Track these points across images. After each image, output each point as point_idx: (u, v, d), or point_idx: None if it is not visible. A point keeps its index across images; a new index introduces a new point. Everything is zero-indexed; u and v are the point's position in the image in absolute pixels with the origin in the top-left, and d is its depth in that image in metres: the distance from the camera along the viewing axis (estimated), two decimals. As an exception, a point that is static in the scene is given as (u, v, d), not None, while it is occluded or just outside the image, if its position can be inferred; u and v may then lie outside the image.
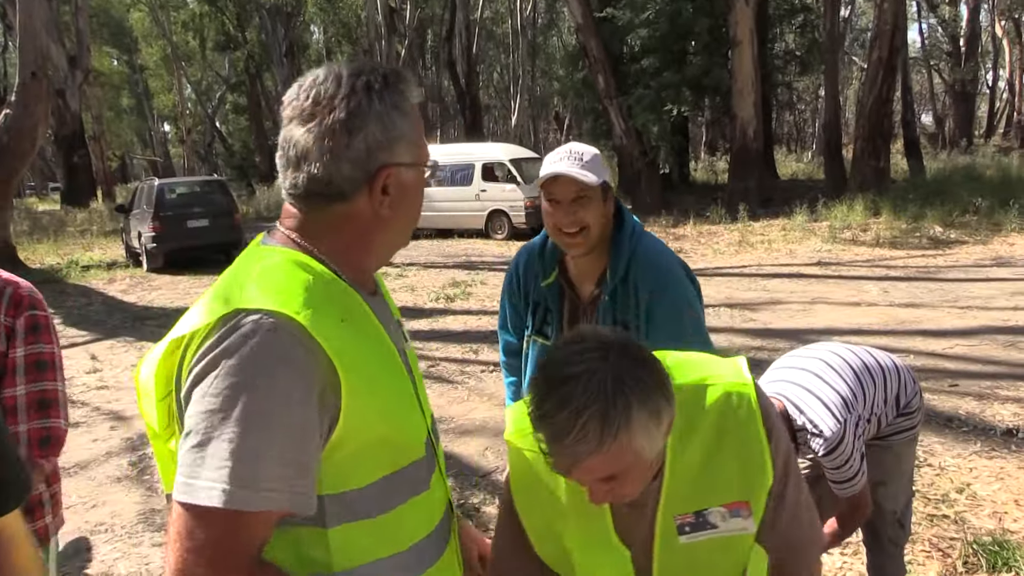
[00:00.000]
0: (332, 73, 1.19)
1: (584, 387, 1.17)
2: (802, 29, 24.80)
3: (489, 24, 48.21)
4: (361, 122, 1.16)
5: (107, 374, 7.69)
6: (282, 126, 1.21)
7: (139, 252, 15.70)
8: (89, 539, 4.20)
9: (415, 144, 1.23)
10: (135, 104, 56.88)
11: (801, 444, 2.47)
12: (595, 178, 2.03)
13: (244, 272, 1.17)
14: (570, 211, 2.05)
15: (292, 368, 1.06)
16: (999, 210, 14.64)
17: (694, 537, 1.43)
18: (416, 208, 1.30)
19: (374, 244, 1.26)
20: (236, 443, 1.03)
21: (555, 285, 2.23)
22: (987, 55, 44.25)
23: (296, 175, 1.18)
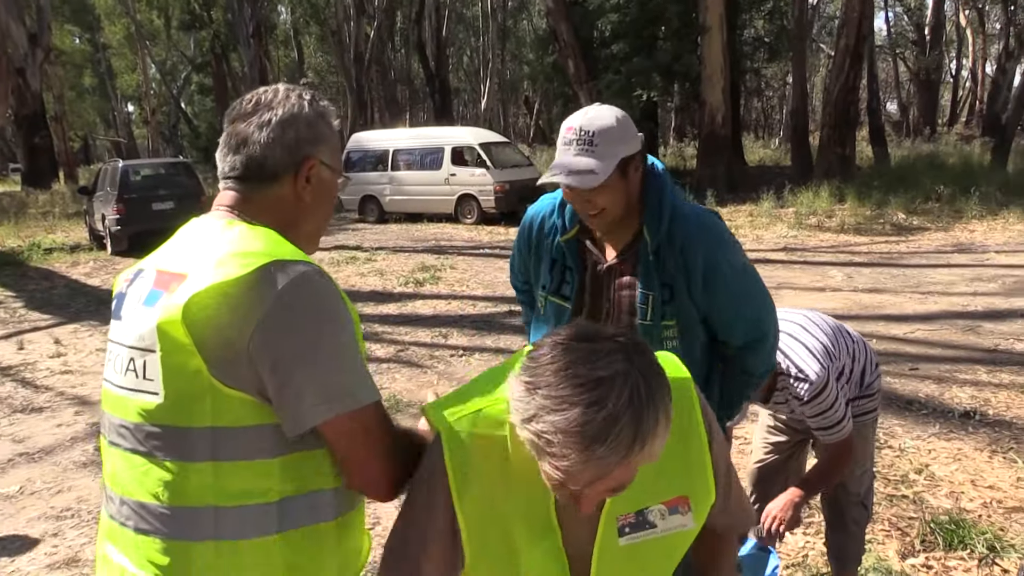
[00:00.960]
0: (272, 89, 1.46)
1: (618, 392, 1.08)
2: (771, 16, 25.00)
3: (459, 7, 47.91)
4: (293, 120, 1.42)
5: (71, 358, 7.59)
6: (224, 129, 1.45)
7: (103, 235, 15.46)
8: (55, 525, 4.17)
9: (335, 153, 1.50)
10: (98, 84, 55.79)
11: (781, 390, 2.54)
12: (604, 166, 1.88)
13: (234, 234, 1.34)
14: (583, 197, 1.95)
15: (341, 300, 1.33)
16: (960, 197, 14.92)
17: (634, 538, 1.38)
18: (329, 206, 1.53)
19: (300, 230, 1.46)
20: (351, 354, 1.31)
21: (574, 242, 2.10)
22: (951, 44, 44.91)
23: (235, 158, 1.42)
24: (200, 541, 1.27)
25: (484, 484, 1.29)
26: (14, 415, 5.97)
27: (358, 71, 32.59)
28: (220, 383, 1.24)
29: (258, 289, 1.24)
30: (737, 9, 22.53)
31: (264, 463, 1.28)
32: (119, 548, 1.35)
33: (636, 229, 2.03)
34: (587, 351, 1.12)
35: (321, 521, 1.35)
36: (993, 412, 5.03)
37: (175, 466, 1.28)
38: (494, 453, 1.29)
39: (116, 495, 1.36)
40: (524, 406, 1.12)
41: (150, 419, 1.29)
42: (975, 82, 43.29)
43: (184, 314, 1.24)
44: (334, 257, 13.45)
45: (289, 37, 49.27)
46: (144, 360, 1.29)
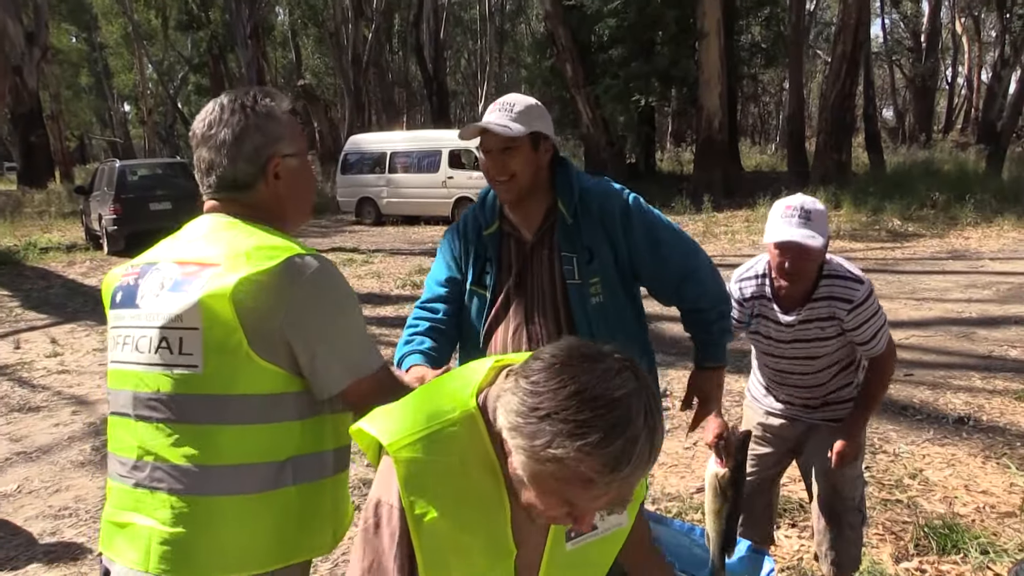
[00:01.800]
0: (216, 104, 1.62)
1: (636, 411, 1.08)
2: (768, 22, 25.06)
3: (457, 10, 47.98)
4: (244, 133, 1.58)
5: (68, 358, 7.59)
6: (193, 151, 1.64)
7: (99, 235, 15.45)
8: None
9: (291, 139, 1.64)
10: (94, 83, 55.73)
11: (823, 299, 2.61)
12: (521, 128, 2.12)
13: (246, 231, 1.55)
14: (499, 160, 2.16)
15: (348, 284, 1.58)
16: (955, 204, 14.98)
17: (578, 542, 1.40)
18: (307, 185, 1.72)
19: (288, 215, 1.68)
20: (359, 330, 1.59)
21: (496, 235, 2.29)
22: (947, 51, 45.08)
23: (209, 179, 1.62)
24: (231, 495, 1.46)
25: (441, 512, 1.23)
26: (11, 414, 5.97)
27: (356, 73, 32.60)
28: (257, 356, 1.45)
29: (287, 277, 1.45)
30: (735, 15, 22.61)
31: (288, 425, 1.50)
32: (145, 513, 1.49)
33: (548, 205, 2.25)
34: (599, 372, 1.09)
35: (325, 477, 1.58)
36: (987, 418, 5.07)
37: (210, 429, 1.46)
38: (449, 478, 1.25)
39: (144, 462, 1.50)
40: (534, 432, 1.08)
41: (187, 389, 1.46)
42: (971, 89, 43.47)
43: (232, 294, 1.43)
44: (331, 259, 13.43)
45: (287, 38, 49.24)
46: (180, 337, 1.46)
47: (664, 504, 4.03)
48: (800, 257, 2.55)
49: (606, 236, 2.20)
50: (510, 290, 2.26)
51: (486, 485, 1.25)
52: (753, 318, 2.82)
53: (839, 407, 2.83)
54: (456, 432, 1.26)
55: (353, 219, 19.87)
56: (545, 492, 1.13)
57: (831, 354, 2.74)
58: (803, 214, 2.59)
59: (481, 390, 1.31)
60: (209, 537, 1.45)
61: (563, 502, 1.13)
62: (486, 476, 1.26)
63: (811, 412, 2.87)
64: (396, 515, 1.25)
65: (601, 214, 2.21)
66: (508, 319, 2.26)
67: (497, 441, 1.23)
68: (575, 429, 1.05)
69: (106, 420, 4.51)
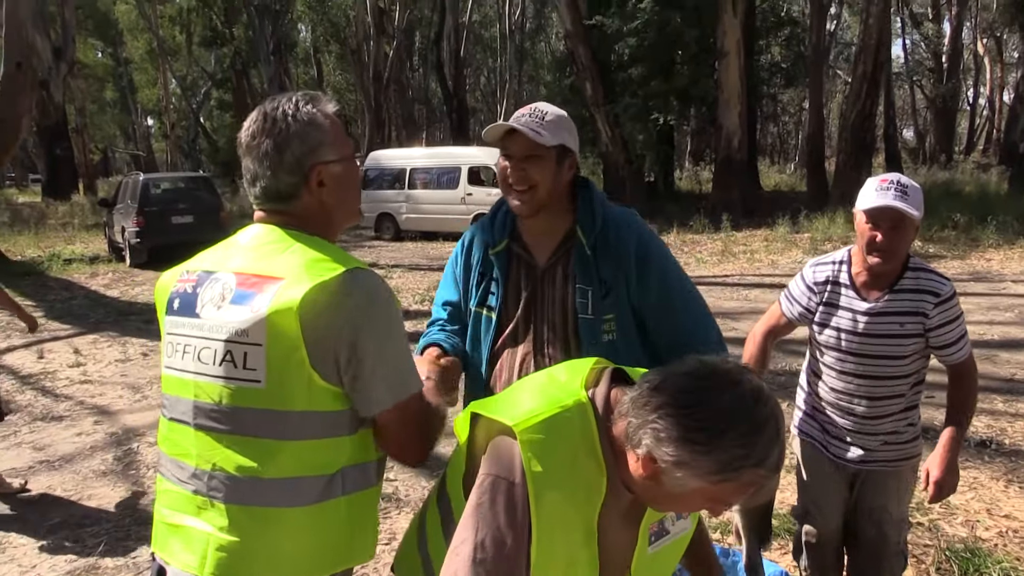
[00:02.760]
0: (259, 112, 1.60)
1: (779, 414, 1.23)
2: (788, 42, 25.08)
3: (478, 28, 48.32)
4: (285, 143, 1.56)
5: (91, 368, 7.67)
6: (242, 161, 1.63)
7: (122, 247, 15.61)
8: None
9: (334, 145, 1.61)
10: (119, 97, 56.46)
11: (911, 291, 2.47)
12: (549, 137, 2.01)
13: (300, 245, 1.54)
14: (519, 167, 2.04)
15: (396, 300, 1.55)
16: (977, 226, 14.86)
17: (657, 546, 1.47)
18: (353, 190, 1.69)
19: (336, 222, 1.67)
20: (406, 350, 1.57)
21: (504, 254, 2.16)
22: (969, 72, 44.89)
23: (255, 190, 1.61)
24: (288, 508, 1.48)
25: (558, 487, 1.32)
26: (35, 423, 6.04)
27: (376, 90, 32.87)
28: (317, 374, 1.46)
29: (348, 292, 1.46)
30: (754, 35, 22.65)
31: (339, 440, 1.52)
32: (203, 518, 1.52)
33: (567, 230, 2.11)
34: (751, 388, 1.22)
35: (370, 486, 1.60)
36: (1009, 442, 5.02)
37: (269, 444, 1.48)
38: (564, 459, 1.33)
39: (203, 471, 1.52)
40: (709, 463, 1.19)
41: (249, 403, 1.48)
42: (992, 111, 43.23)
43: (299, 309, 1.43)
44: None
45: (309, 55, 49.73)
46: (245, 352, 1.47)
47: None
48: (895, 228, 2.38)
49: (622, 272, 2.07)
50: (519, 316, 2.13)
51: (590, 470, 1.35)
52: (821, 306, 2.61)
53: (898, 448, 2.63)
54: (571, 418, 1.36)
55: (372, 234, 19.98)
56: (704, 499, 1.26)
57: (905, 362, 2.51)
58: (899, 187, 2.39)
59: (587, 385, 1.43)
60: (264, 546, 1.49)
61: (716, 503, 1.27)
62: (591, 463, 1.35)
63: (868, 454, 2.64)
64: (518, 491, 1.31)
65: (617, 247, 2.07)
66: (517, 347, 2.14)
67: (604, 435, 1.36)
68: (754, 452, 1.18)
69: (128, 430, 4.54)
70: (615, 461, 1.35)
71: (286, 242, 1.56)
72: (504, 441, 1.35)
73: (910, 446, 2.65)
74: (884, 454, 2.64)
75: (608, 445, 1.35)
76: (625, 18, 20.22)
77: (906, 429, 2.63)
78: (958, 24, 37.00)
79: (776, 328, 2.79)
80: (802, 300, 2.66)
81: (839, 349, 2.58)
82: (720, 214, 17.60)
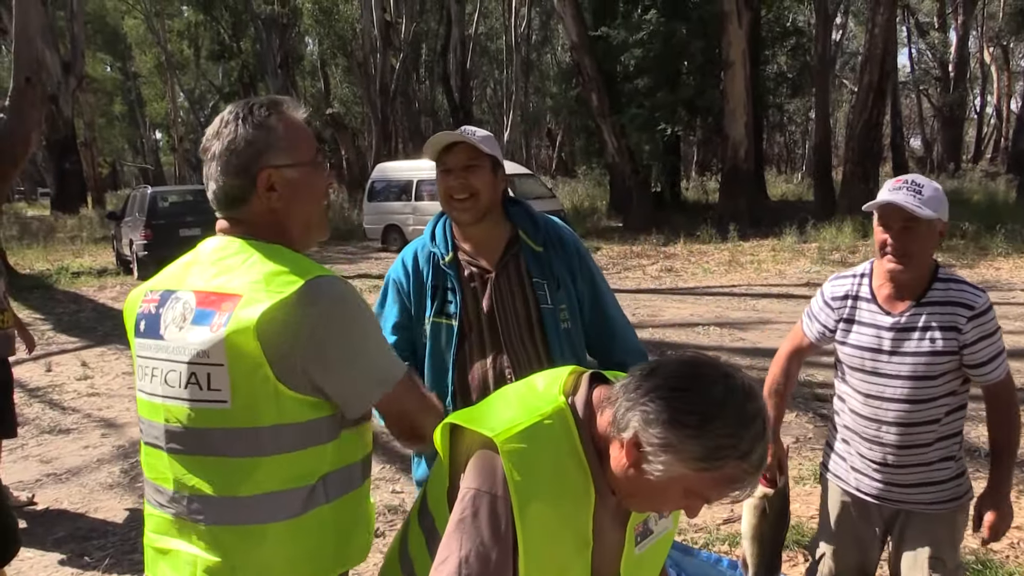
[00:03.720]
0: (219, 117, 1.59)
1: (765, 413, 1.25)
2: (794, 52, 25.13)
3: (484, 40, 48.47)
4: (231, 147, 1.53)
5: (98, 381, 7.68)
6: None
7: (130, 260, 15.68)
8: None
9: (289, 149, 1.57)
10: (127, 111, 56.82)
11: (942, 305, 2.26)
12: (485, 148, 2.20)
13: (258, 256, 1.51)
14: (460, 177, 2.21)
15: (363, 299, 1.54)
16: (985, 234, 14.81)
17: (643, 547, 1.47)
18: (312, 199, 1.63)
19: (294, 231, 1.61)
20: (380, 344, 1.56)
21: (454, 263, 2.30)
22: (975, 81, 44.80)
23: (211, 195, 1.59)
24: (271, 523, 1.47)
25: (543, 499, 1.30)
26: (42, 436, 6.04)
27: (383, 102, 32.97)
28: (285, 387, 1.43)
29: (306, 306, 1.43)
30: (760, 45, 22.68)
31: (319, 448, 1.50)
32: (188, 541, 1.52)
33: (509, 236, 2.32)
34: (743, 384, 1.24)
35: (355, 488, 1.59)
36: (1021, 451, 4.96)
37: (242, 462, 1.46)
38: (547, 468, 1.32)
39: (183, 494, 1.51)
40: (693, 449, 1.20)
41: (217, 424, 1.46)
42: (1000, 119, 43.15)
43: (257, 328, 1.40)
44: (358, 286, 13.53)
45: (316, 68, 49.93)
46: (208, 372, 1.45)
47: (690, 535, 3.98)
48: (907, 229, 2.21)
49: (567, 267, 2.31)
50: (482, 318, 2.28)
51: (576, 477, 1.33)
52: (841, 323, 2.42)
53: (938, 489, 2.34)
54: (552, 426, 1.34)
55: (379, 246, 20.00)
56: (685, 491, 1.26)
57: (938, 383, 2.28)
58: (913, 186, 2.24)
59: (565, 391, 1.42)
60: (251, 563, 1.48)
61: (694, 497, 1.27)
62: (576, 469, 1.34)
63: (904, 492, 2.37)
64: (501, 504, 1.28)
65: (561, 246, 2.33)
66: (484, 346, 2.28)
67: (587, 439, 1.35)
68: (740, 444, 1.20)
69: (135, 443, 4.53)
70: (599, 463, 1.35)
71: (244, 254, 1.53)
72: (485, 454, 1.33)
73: (954, 484, 2.36)
74: (925, 495, 2.35)
75: (591, 448, 1.35)
76: (630, 29, 20.28)
77: (946, 465, 2.35)
78: (964, 33, 36.95)
79: (800, 348, 2.60)
80: (820, 317, 2.48)
81: (862, 370, 2.36)
82: (727, 224, 17.58)
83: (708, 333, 8.75)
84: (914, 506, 2.37)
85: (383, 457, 5.23)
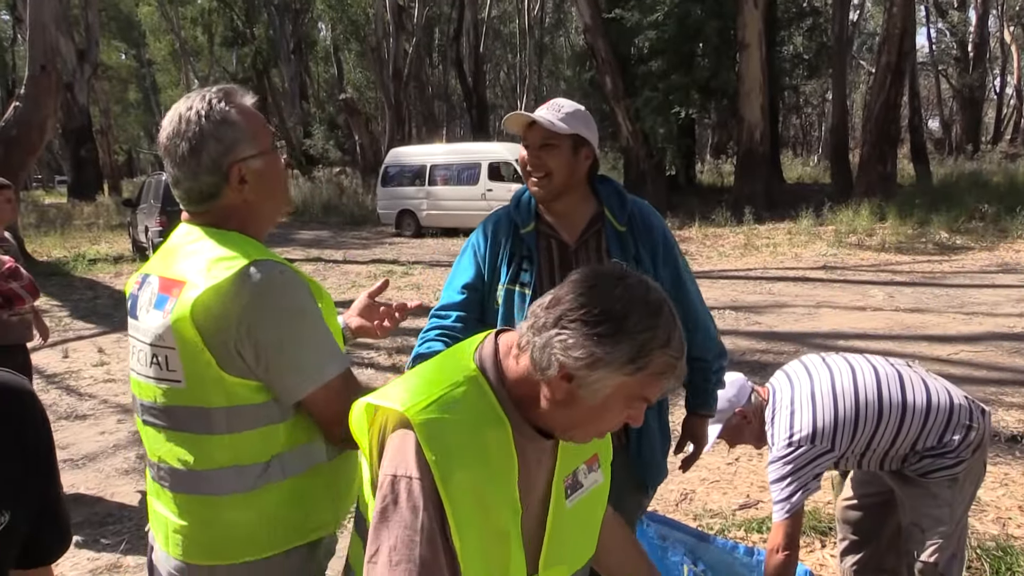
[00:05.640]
0: (175, 112, 1.58)
1: (666, 297, 1.28)
2: (810, 32, 24.80)
3: (496, 23, 48.26)
4: (200, 144, 1.55)
5: (114, 367, 7.72)
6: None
7: (146, 246, 15.75)
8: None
9: (252, 140, 1.60)
10: (142, 98, 57.02)
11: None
12: (564, 127, 2.17)
13: (211, 242, 1.56)
14: (536, 155, 2.22)
15: (304, 287, 1.55)
16: (1005, 216, 14.63)
17: (573, 500, 1.43)
18: (277, 182, 1.68)
19: (261, 219, 1.67)
20: (318, 336, 1.55)
21: (533, 233, 2.31)
22: (995, 61, 44.21)
23: (179, 193, 1.62)
24: (226, 495, 1.55)
25: (466, 468, 1.25)
26: (59, 422, 6.08)
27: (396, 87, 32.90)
28: (225, 373, 1.49)
29: (237, 290, 1.47)
30: (776, 26, 22.42)
31: (272, 428, 1.55)
32: (161, 503, 1.65)
33: (593, 214, 2.30)
34: (635, 283, 1.27)
35: (316, 463, 1.61)
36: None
37: (200, 438, 1.54)
38: (467, 435, 1.27)
39: (154, 461, 1.63)
40: (619, 353, 1.20)
41: (176, 401, 1.55)
42: (1020, 99, 42.52)
43: (192, 315, 1.47)
44: (371, 271, 13.55)
45: (329, 53, 49.93)
46: (165, 355, 1.53)
47: (706, 520, 3.96)
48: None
49: (649, 252, 2.26)
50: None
51: (498, 441, 1.29)
52: None
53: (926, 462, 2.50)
54: (465, 391, 1.30)
55: (393, 231, 20.01)
56: (626, 400, 1.26)
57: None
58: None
59: (477, 354, 1.38)
60: (210, 529, 1.57)
61: (635, 403, 1.27)
62: (497, 432, 1.30)
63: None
64: (417, 486, 1.23)
65: (646, 229, 2.28)
66: None
67: (502, 395, 1.32)
68: (658, 333, 1.21)
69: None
70: (521, 414, 1.31)
71: (199, 241, 1.58)
72: (396, 435, 1.28)
73: (928, 460, 2.49)
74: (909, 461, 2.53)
75: (509, 403, 1.31)
76: (645, 11, 20.08)
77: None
78: (984, 12, 36.41)
79: None
80: None
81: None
82: (742, 207, 17.45)
83: (723, 317, 8.68)
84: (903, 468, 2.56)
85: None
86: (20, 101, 14.75)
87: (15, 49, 40.80)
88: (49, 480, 1.27)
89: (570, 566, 1.47)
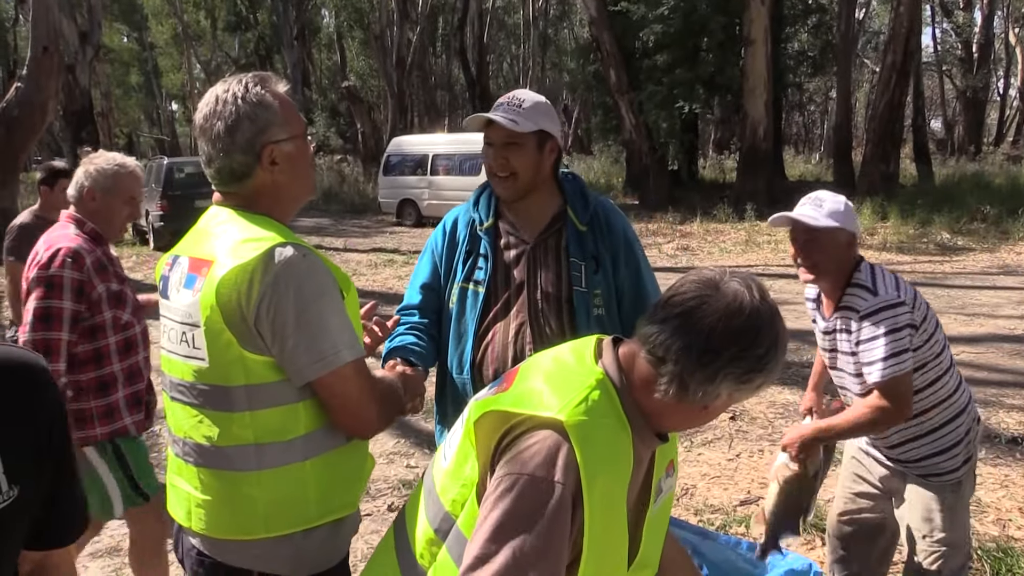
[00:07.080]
0: (212, 95, 1.65)
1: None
2: (816, 30, 24.74)
3: (501, 13, 48.12)
4: (236, 124, 1.61)
5: (114, 351, 7.70)
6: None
7: (146, 230, 15.75)
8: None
9: (285, 124, 1.66)
10: (143, 82, 56.77)
11: (845, 309, 2.41)
12: (526, 124, 2.11)
13: (239, 224, 1.62)
14: (500, 155, 2.16)
15: (327, 273, 1.60)
16: (1007, 218, 14.64)
17: (656, 504, 1.47)
18: (305, 167, 1.74)
19: (289, 200, 1.73)
20: (334, 321, 1.58)
21: (492, 230, 2.27)
22: (999, 63, 44.14)
23: (210, 171, 1.67)
24: (247, 471, 1.59)
25: (605, 473, 1.28)
26: (59, 405, 6.06)
27: (399, 76, 32.83)
28: (246, 351, 1.55)
29: (259, 271, 1.52)
30: (782, 22, 22.35)
31: (291, 407, 1.59)
32: (184, 479, 1.69)
33: (556, 211, 2.25)
34: (756, 283, 1.35)
35: (337, 446, 1.66)
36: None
37: (221, 415, 1.60)
38: (608, 439, 1.31)
39: (179, 438, 1.68)
40: (757, 368, 1.28)
41: (201, 379, 1.61)
42: (1023, 102, 42.48)
43: (216, 294, 1.53)
44: (372, 259, 13.53)
45: (332, 41, 49.75)
46: (192, 334, 1.60)
47: (707, 516, 3.97)
48: (805, 240, 2.39)
49: (609, 252, 2.23)
50: (511, 287, 2.23)
51: (624, 444, 1.34)
52: (814, 323, 2.66)
53: (917, 450, 2.48)
54: (600, 395, 1.34)
55: (394, 220, 19.99)
56: (724, 404, 1.33)
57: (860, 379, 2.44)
58: (815, 201, 2.42)
59: (597, 360, 1.41)
60: (231, 505, 1.62)
61: (734, 403, 1.35)
62: (623, 435, 1.34)
63: (892, 451, 2.55)
64: (559, 489, 1.23)
65: (608, 230, 2.25)
66: (509, 317, 2.21)
67: (628, 402, 1.35)
68: (777, 359, 1.31)
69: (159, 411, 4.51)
70: (643, 419, 1.37)
71: (229, 222, 1.64)
72: (534, 437, 1.27)
73: (935, 459, 2.46)
74: (907, 453, 2.51)
75: (634, 411, 1.35)
76: (650, 5, 20.03)
77: (923, 441, 2.47)
78: (989, 13, 36.32)
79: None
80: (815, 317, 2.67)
81: (829, 367, 2.63)
82: (744, 203, 17.44)
83: (724, 313, 8.67)
84: (907, 470, 2.54)
85: (398, 432, 5.23)
86: (22, 82, 14.68)
87: (17, 30, 40.64)
88: (62, 458, 1.25)
89: (652, 569, 1.51)
